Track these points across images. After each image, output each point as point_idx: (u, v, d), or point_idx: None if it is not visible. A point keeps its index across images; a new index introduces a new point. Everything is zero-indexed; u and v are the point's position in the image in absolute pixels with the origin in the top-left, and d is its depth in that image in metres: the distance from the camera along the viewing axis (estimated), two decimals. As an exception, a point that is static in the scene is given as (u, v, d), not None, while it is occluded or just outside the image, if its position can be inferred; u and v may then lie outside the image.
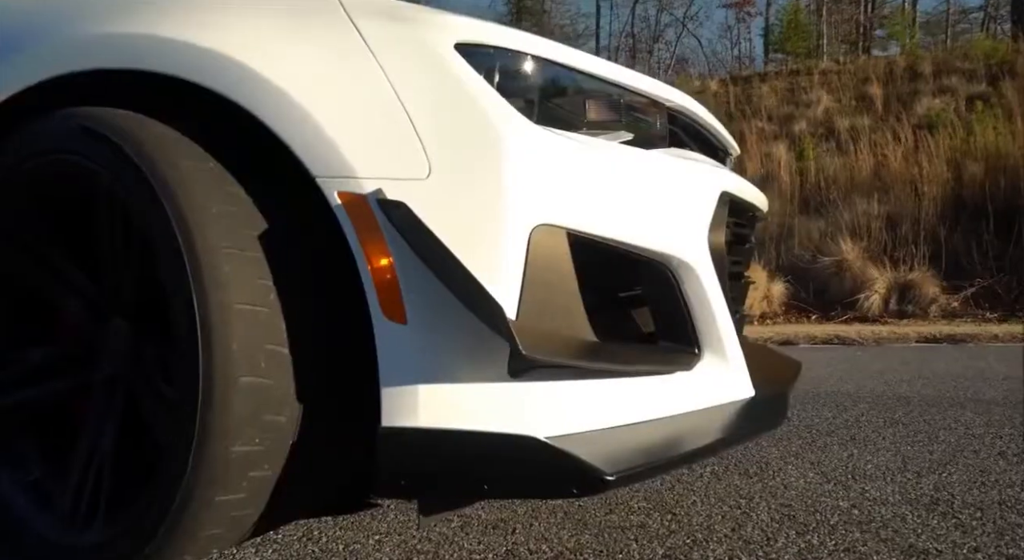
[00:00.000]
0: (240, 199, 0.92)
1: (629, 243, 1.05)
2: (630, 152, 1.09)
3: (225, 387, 0.84)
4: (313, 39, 0.95)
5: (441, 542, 1.08)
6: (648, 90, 1.20)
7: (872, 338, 4.13)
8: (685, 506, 1.21)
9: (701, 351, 1.14)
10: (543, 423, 0.89)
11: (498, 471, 0.87)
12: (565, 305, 0.97)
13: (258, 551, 1.07)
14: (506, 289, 0.90)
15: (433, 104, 0.92)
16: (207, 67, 0.91)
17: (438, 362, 0.88)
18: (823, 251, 7.34)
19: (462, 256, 0.88)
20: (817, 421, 1.91)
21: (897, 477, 1.35)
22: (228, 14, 0.96)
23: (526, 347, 0.83)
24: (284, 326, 0.90)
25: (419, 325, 0.88)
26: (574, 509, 1.22)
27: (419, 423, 0.88)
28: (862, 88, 11.93)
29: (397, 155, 0.90)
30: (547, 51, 1.05)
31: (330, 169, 0.89)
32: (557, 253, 0.96)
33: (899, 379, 2.61)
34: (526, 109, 1.02)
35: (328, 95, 0.91)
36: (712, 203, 1.19)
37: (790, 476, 1.38)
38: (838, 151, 9.22)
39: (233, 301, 0.85)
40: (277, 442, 0.90)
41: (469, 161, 0.91)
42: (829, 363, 3.15)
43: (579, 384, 0.95)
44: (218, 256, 0.85)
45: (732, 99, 12.03)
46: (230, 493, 0.88)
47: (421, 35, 0.95)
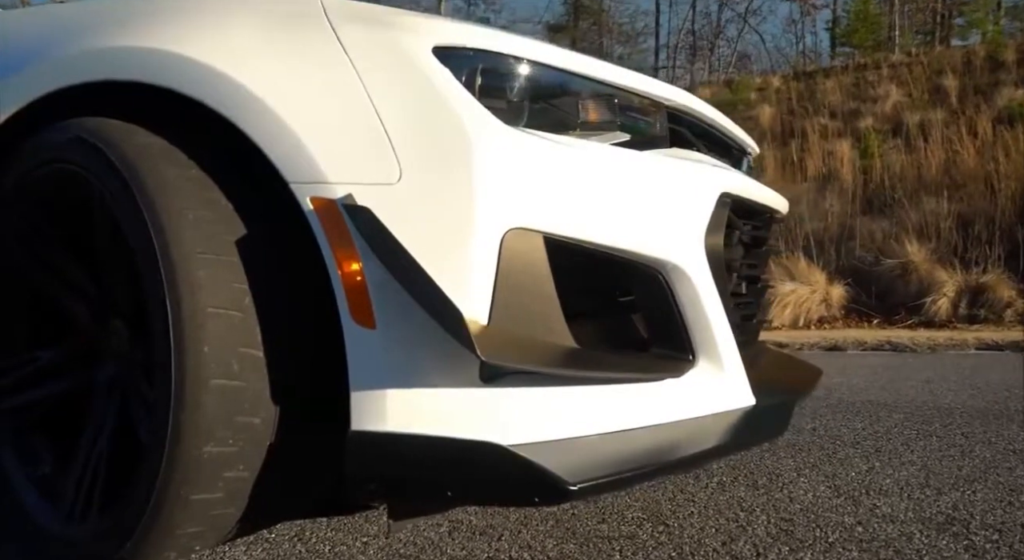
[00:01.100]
0: (219, 205, 0.94)
1: (616, 247, 1.02)
2: (619, 153, 1.07)
3: (196, 389, 0.86)
4: (293, 46, 0.96)
5: (425, 546, 1.08)
6: (645, 90, 1.17)
7: (927, 344, 3.92)
8: (680, 517, 1.18)
9: (696, 358, 1.10)
10: (510, 430, 0.88)
11: (461, 477, 0.86)
12: (542, 310, 0.96)
13: (248, 549, 1.09)
14: (477, 293, 0.90)
15: (406, 108, 0.92)
16: (186, 76, 0.94)
17: (407, 367, 0.88)
18: (887, 253, 7.04)
19: (431, 260, 0.88)
20: (844, 431, 1.83)
21: (915, 493, 1.28)
22: (210, 23, 0.98)
23: (487, 352, 0.82)
24: (259, 329, 0.91)
25: (388, 330, 0.88)
26: (566, 517, 1.20)
27: (387, 427, 0.88)
28: (936, 80, 11.39)
29: (368, 160, 0.90)
30: (533, 53, 1.04)
31: (303, 174, 0.90)
32: (532, 257, 0.95)
33: (946, 388, 2.47)
34: (510, 111, 1.01)
35: (303, 101, 0.92)
36: (710, 205, 1.15)
37: (799, 489, 1.32)
38: (906, 148, 8.82)
39: (206, 305, 0.87)
40: (252, 443, 0.92)
41: (439, 165, 0.91)
42: (874, 370, 3.01)
43: (554, 391, 0.94)
44: (192, 261, 0.88)
45: (794, 95, 11.67)
46: (206, 492, 0.90)
47: (398, 40, 0.95)
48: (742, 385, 1.15)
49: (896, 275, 6.87)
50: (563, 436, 0.92)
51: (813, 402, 2.22)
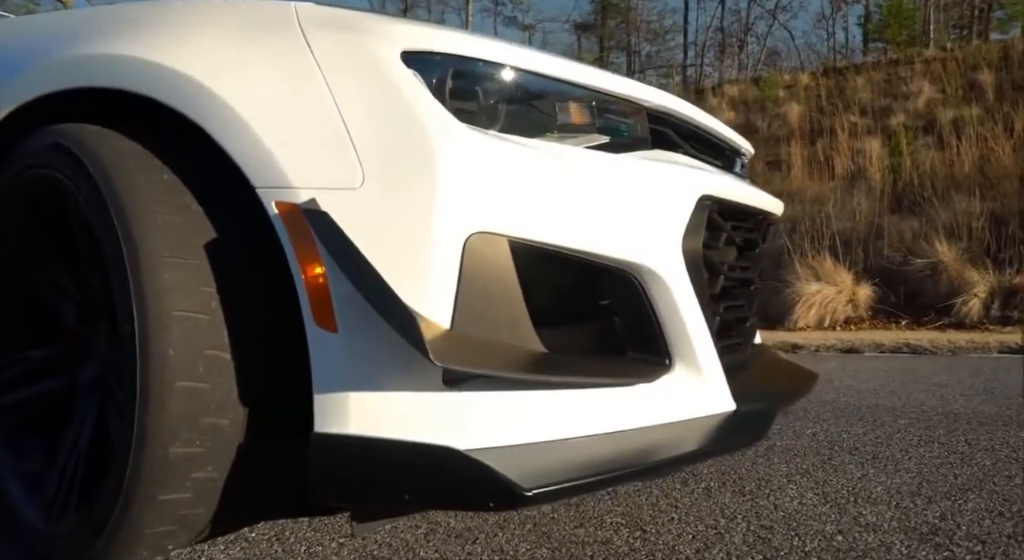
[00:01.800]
0: (189, 210, 0.95)
1: (587, 251, 1.02)
2: (591, 156, 1.06)
3: (161, 390, 0.87)
4: (263, 52, 0.97)
5: (400, 548, 1.09)
6: (623, 92, 1.16)
7: (947, 347, 3.82)
8: (659, 523, 1.17)
9: (672, 362, 1.09)
10: (469, 434, 0.88)
11: (418, 480, 0.86)
12: (507, 314, 0.96)
13: (227, 548, 1.11)
14: (439, 297, 0.90)
15: (371, 113, 0.93)
16: (157, 82, 0.96)
17: (369, 370, 0.89)
18: (916, 252, 6.89)
19: (393, 264, 0.88)
20: (844, 437, 1.79)
21: (904, 502, 1.24)
22: (184, 30, 1.00)
23: (441, 356, 0.82)
24: (226, 332, 0.93)
25: (349, 333, 0.88)
26: (545, 521, 1.19)
27: (349, 430, 0.88)
28: (971, 76, 11.12)
29: (332, 165, 0.91)
30: (506, 57, 1.03)
31: (268, 179, 0.91)
32: (497, 261, 0.94)
33: (958, 393, 2.41)
34: (483, 115, 1.01)
35: (270, 107, 0.93)
36: (688, 208, 1.14)
37: (786, 496, 1.30)
38: (938, 145, 8.62)
39: (172, 308, 0.89)
40: (220, 444, 0.93)
41: (402, 169, 0.91)
42: (888, 373, 2.94)
43: (519, 395, 0.94)
44: (159, 265, 0.89)
45: (824, 93, 11.48)
46: (173, 492, 0.91)
47: (366, 45, 0.96)
48: (721, 390, 1.14)
49: (925, 275, 6.72)
50: (525, 441, 0.92)
51: (818, 406, 2.18)
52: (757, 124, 10.82)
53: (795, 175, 8.84)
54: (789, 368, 1.62)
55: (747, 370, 1.49)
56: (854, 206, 7.69)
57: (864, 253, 7.12)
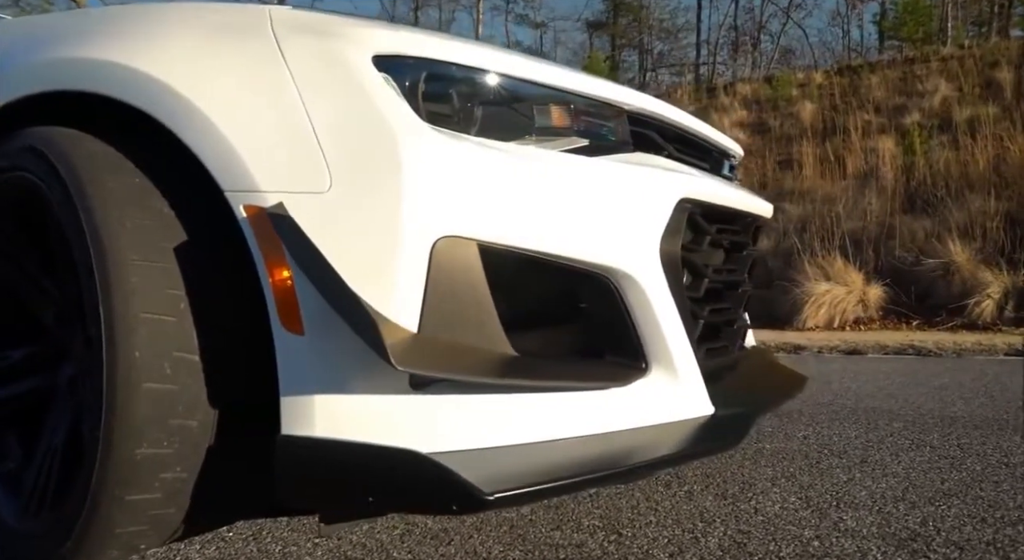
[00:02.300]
0: (160, 213, 0.96)
1: (561, 255, 1.01)
2: (565, 159, 1.06)
3: (127, 392, 0.88)
4: (236, 57, 0.97)
5: (374, 549, 1.09)
6: (602, 95, 1.16)
7: (953, 349, 3.76)
8: (637, 527, 1.16)
9: (649, 366, 1.09)
10: (434, 437, 0.88)
11: (382, 483, 0.86)
12: (477, 318, 0.96)
13: (202, 548, 1.12)
14: (406, 301, 0.90)
15: (339, 117, 0.93)
16: (130, 86, 0.96)
17: (335, 373, 0.89)
18: (928, 252, 6.81)
19: (360, 268, 0.89)
20: (836, 440, 1.77)
21: (887, 507, 1.23)
22: (158, 34, 1.00)
23: (402, 360, 0.82)
24: (194, 334, 0.93)
25: (316, 336, 0.89)
26: (523, 523, 1.19)
27: (315, 433, 0.89)
28: (989, 74, 10.97)
29: (300, 169, 0.91)
30: (481, 60, 1.03)
31: (237, 183, 0.92)
32: (466, 265, 0.94)
33: (958, 396, 2.37)
34: (457, 119, 1.01)
35: (240, 112, 0.94)
36: (666, 211, 1.13)
37: (769, 500, 1.29)
38: (953, 144, 8.51)
39: (139, 310, 0.89)
40: (189, 445, 0.94)
41: (369, 173, 0.91)
42: (889, 375, 2.90)
43: (488, 399, 0.93)
44: (127, 267, 0.90)
45: (837, 91, 11.37)
46: (142, 493, 0.92)
47: (337, 49, 0.96)
48: (698, 393, 1.13)
49: (938, 275, 6.65)
50: (492, 444, 0.92)
51: (813, 408, 2.16)
52: (769, 123, 10.74)
53: (807, 174, 8.76)
54: (778, 371, 1.61)
55: (734, 373, 1.48)
56: (865, 205, 7.62)
57: (875, 253, 7.05)
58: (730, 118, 11.31)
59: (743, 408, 1.22)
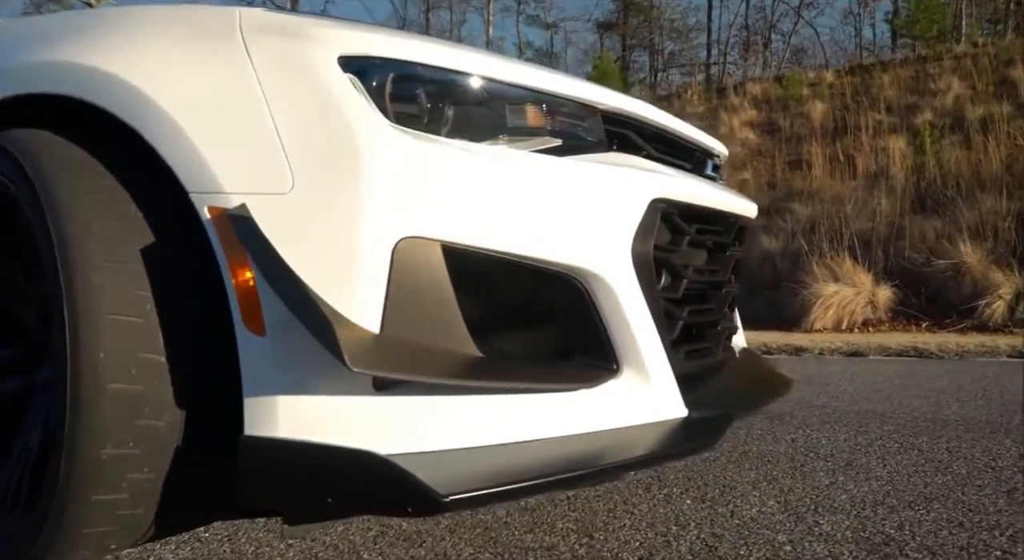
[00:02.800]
0: (128, 214, 0.97)
1: (529, 256, 1.01)
2: (534, 160, 1.06)
3: (92, 393, 0.88)
4: (203, 58, 0.98)
5: (346, 550, 1.09)
6: (575, 94, 1.15)
7: (955, 351, 3.71)
8: (610, 530, 1.15)
9: (620, 368, 1.08)
10: (394, 439, 0.88)
11: (341, 485, 0.86)
12: (441, 319, 0.95)
13: (178, 548, 1.12)
14: (367, 302, 0.90)
15: (303, 118, 0.93)
16: (97, 88, 0.97)
17: (297, 374, 0.89)
18: (938, 253, 6.74)
19: (321, 269, 0.89)
20: (824, 443, 1.75)
21: (865, 511, 1.22)
22: (128, 36, 1.01)
23: (357, 362, 0.82)
24: (160, 335, 0.94)
25: (277, 337, 0.89)
26: (498, 525, 1.19)
27: (278, 434, 0.89)
28: (1003, 72, 10.85)
29: (262, 170, 0.92)
30: (450, 61, 1.03)
31: (201, 184, 0.92)
32: (429, 267, 0.94)
33: (954, 399, 2.34)
34: (426, 119, 1.01)
35: (204, 113, 0.94)
36: (638, 211, 1.12)
37: (747, 503, 1.28)
38: (965, 144, 8.42)
39: (104, 311, 0.90)
40: (156, 446, 0.94)
41: (331, 174, 0.91)
42: (887, 378, 2.87)
43: (451, 400, 0.93)
44: (92, 269, 0.90)
45: (848, 91, 11.28)
46: (109, 493, 0.93)
47: (302, 50, 0.96)
48: (671, 395, 1.12)
49: (948, 276, 6.58)
50: (453, 446, 0.91)
51: (806, 410, 2.14)
52: (779, 123, 10.67)
53: (816, 174, 8.70)
54: (765, 373, 1.60)
55: (718, 375, 1.47)
56: (875, 206, 7.55)
57: (884, 254, 6.98)
58: (740, 118, 11.26)
59: (720, 410, 1.21)
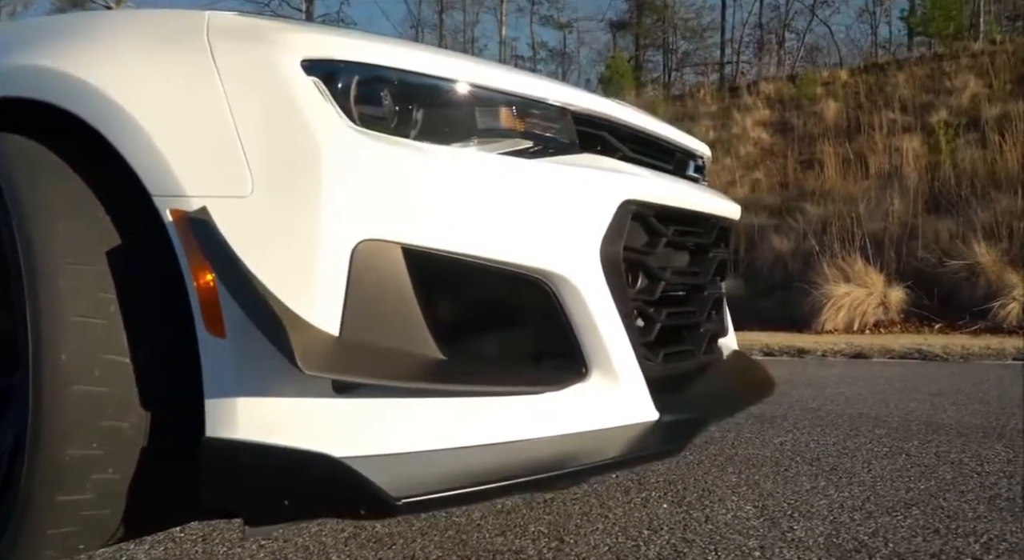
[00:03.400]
0: (95, 217, 0.97)
1: (494, 259, 1.01)
2: (500, 162, 1.05)
3: (55, 394, 0.89)
4: (170, 62, 0.99)
5: (315, 551, 1.10)
6: (545, 96, 1.15)
7: (960, 353, 3.65)
8: (582, 534, 1.15)
9: (588, 370, 1.08)
10: (350, 441, 0.88)
11: (296, 487, 0.87)
12: (401, 321, 0.95)
13: (151, 548, 1.13)
14: (326, 305, 0.90)
15: (264, 122, 0.93)
16: (65, 92, 0.98)
17: (257, 376, 0.90)
18: (952, 254, 6.66)
19: (280, 271, 0.89)
20: (812, 446, 1.73)
21: (843, 517, 1.20)
22: (97, 40, 1.02)
23: (310, 364, 0.82)
24: (125, 337, 0.94)
25: (237, 340, 0.89)
26: (471, 527, 1.19)
27: (237, 435, 0.89)
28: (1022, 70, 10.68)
29: (223, 173, 0.92)
30: (416, 63, 1.03)
31: (164, 188, 0.93)
32: (389, 269, 0.94)
33: (952, 402, 2.31)
34: (392, 122, 1.01)
35: (168, 117, 0.95)
36: (608, 213, 1.12)
37: (724, 508, 1.27)
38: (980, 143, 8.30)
39: (67, 314, 0.91)
40: (120, 447, 0.95)
41: (290, 178, 0.91)
42: (888, 380, 2.83)
43: (410, 403, 0.93)
44: (56, 271, 0.91)
45: (863, 89, 11.17)
46: (73, 494, 0.93)
47: (265, 54, 0.96)
48: (640, 398, 1.11)
49: (961, 277, 6.50)
50: (412, 449, 0.91)
51: (799, 413, 2.12)
52: (792, 122, 10.59)
53: (828, 174, 8.62)
54: (749, 375, 1.58)
55: (698, 377, 1.46)
56: (888, 206, 7.47)
57: (897, 254, 6.91)
58: (752, 117, 11.18)
59: (693, 413, 1.20)
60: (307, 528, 1.18)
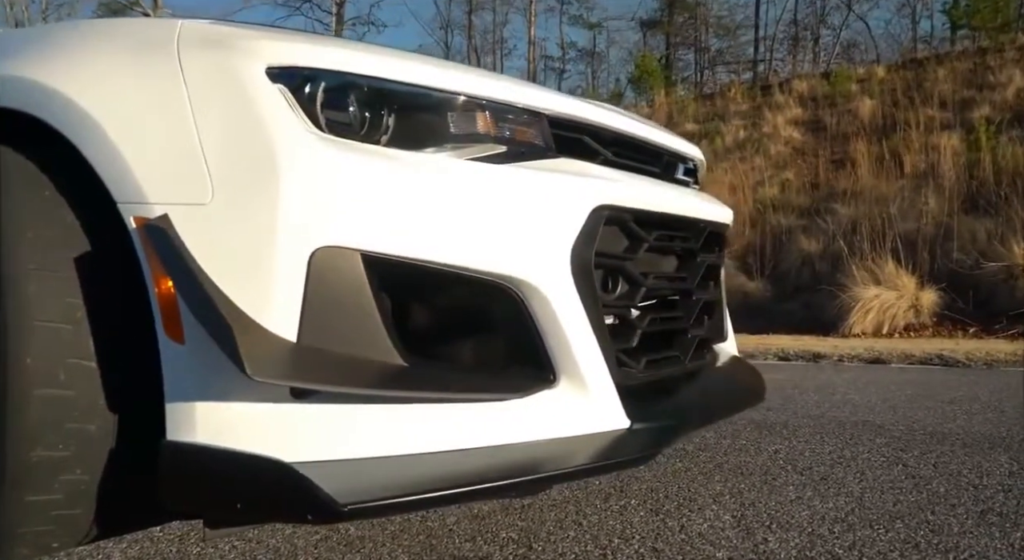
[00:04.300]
0: (66, 224, 1.00)
1: (459, 265, 1.00)
2: (466, 168, 1.05)
3: (19, 397, 0.92)
4: (139, 71, 1.00)
5: (286, 553, 1.11)
6: (518, 100, 1.14)
7: (983, 359, 3.52)
8: (551, 541, 1.14)
9: (557, 377, 1.07)
10: (302, 447, 0.89)
11: (248, 491, 0.88)
12: (362, 328, 0.96)
13: (128, 547, 1.15)
14: (283, 312, 0.91)
15: (225, 129, 0.94)
16: (37, 101, 1.00)
17: (215, 381, 0.91)
18: (989, 255, 6.46)
19: (237, 277, 0.90)
20: (807, 455, 1.69)
21: (822, 529, 1.17)
22: (72, 50, 1.04)
23: (257, 370, 0.83)
24: (91, 341, 0.96)
25: (195, 345, 0.90)
26: (443, 532, 1.19)
27: (196, 439, 0.91)
28: (1072, 62, 10.32)
29: (184, 181, 0.93)
30: (383, 69, 1.03)
31: (128, 195, 0.95)
32: (348, 276, 0.94)
33: (963, 411, 2.23)
34: (360, 128, 1.01)
35: (134, 125, 0.96)
36: (579, 219, 1.10)
37: (701, 517, 1.24)
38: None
39: (33, 319, 0.93)
40: (88, 449, 0.97)
41: (248, 184, 0.92)
42: (901, 387, 2.74)
43: (367, 409, 0.94)
44: (24, 277, 0.94)
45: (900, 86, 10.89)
46: (42, 494, 0.96)
47: (229, 62, 0.97)
48: (610, 406, 1.10)
49: (999, 280, 6.30)
50: (367, 455, 0.92)
51: (800, 420, 2.07)
52: (825, 121, 10.37)
53: (861, 173, 8.43)
54: (739, 382, 1.55)
55: (683, 384, 1.43)
56: (922, 206, 7.27)
57: (931, 256, 6.73)
58: (784, 116, 10.98)
59: (668, 422, 1.19)
60: (281, 530, 1.20)
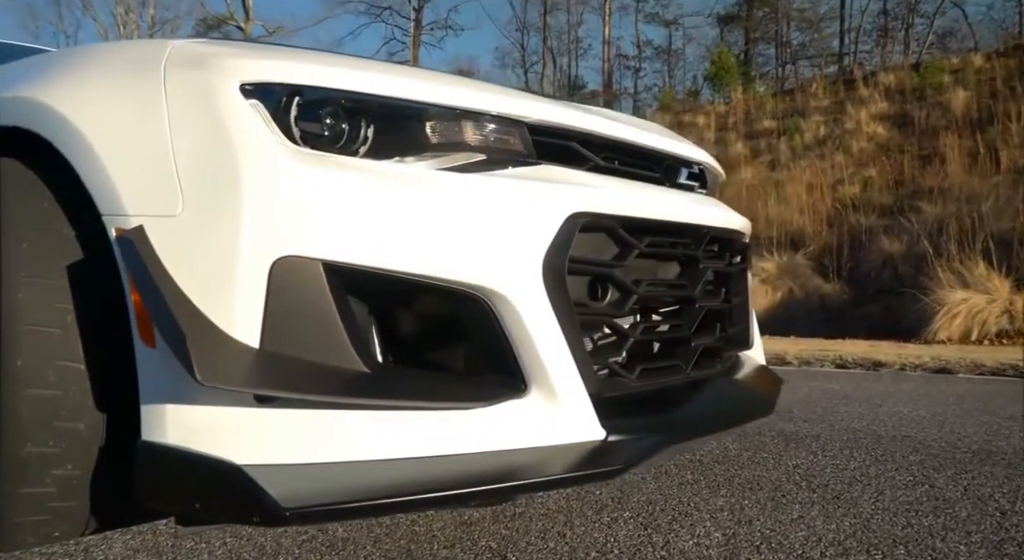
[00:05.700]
0: (60, 234, 1.07)
1: (424, 274, 1.01)
2: (435, 177, 1.06)
3: (11, 397, 0.99)
4: (126, 90, 1.06)
5: (271, 553, 1.14)
6: (495, 108, 1.14)
7: None
8: (529, 553, 1.13)
9: (528, 387, 1.06)
10: (262, 450, 0.92)
11: (204, 492, 0.91)
12: (323, 336, 0.98)
13: (131, 539, 1.22)
14: (245, 320, 0.94)
15: (196, 144, 0.99)
16: (39, 119, 1.08)
17: (183, 385, 0.95)
18: (1094, 257, 5.97)
19: (202, 287, 0.94)
20: (827, 471, 1.60)
21: (813, 552, 1.10)
22: (73, 71, 1.12)
23: (208, 376, 0.86)
24: (80, 344, 1.03)
25: (166, 349, 0.95)
26: (425, 538, 1.20)
27: (167, 440, 0.95)
28: None
29: (157, 194, 0.98)
30: (357, 83, 1.05)
31: (111, 207, 1.00)
32: (310, 285, 0.97)
33: (1021, 427, 2.05)
34: (332, 141, 1.04)
35: (119, 142, 1.02)
36: (553, 226, 1.09)
37: (690, 534, 1.20)
38: None
39: (24, 323, 1.00)
40: (77, 445, 1.03)
41: (215, 197, 0.96)
42: (958, 399, 2.54)
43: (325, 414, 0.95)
44: (15, 284, 1.01)
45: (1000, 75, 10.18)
46: (35, 487, 1.03)
47: (205, 79, 1.02)
48: (584, 417, 1.08)
49: (1106, 284, 5.81)
50: (322, 460, 0.93)
51: (833, 433, 1.95)
52: (912, 115, 9.81)
53: (951, 170, 7.94)
54: (748, 394, 1.49)
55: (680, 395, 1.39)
56: (1019, 203, 6.78)
57: (1026, 258, 6.26)
58: (868, 111, 10.46)
59: (649, 434, 1.16)
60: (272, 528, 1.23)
